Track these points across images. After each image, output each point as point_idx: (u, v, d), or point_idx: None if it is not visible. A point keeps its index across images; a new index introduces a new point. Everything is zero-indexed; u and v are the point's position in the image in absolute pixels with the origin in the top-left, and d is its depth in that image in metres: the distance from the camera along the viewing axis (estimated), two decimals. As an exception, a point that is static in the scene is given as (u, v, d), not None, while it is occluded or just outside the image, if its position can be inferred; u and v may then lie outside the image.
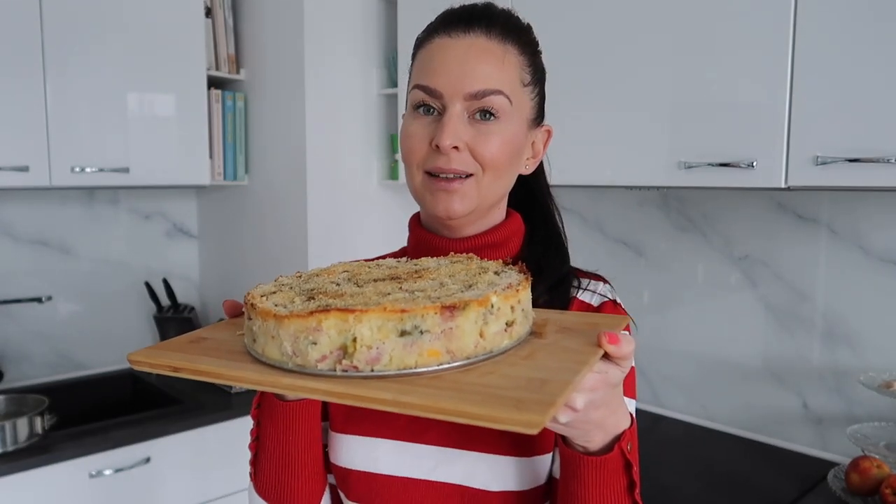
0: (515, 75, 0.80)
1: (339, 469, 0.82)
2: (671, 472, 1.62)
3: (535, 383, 0.51)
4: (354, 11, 2.27)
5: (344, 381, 0.52)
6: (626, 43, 1.60)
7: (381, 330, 0.53)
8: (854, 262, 1.63)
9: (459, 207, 0.79)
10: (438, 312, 0.53)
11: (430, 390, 0.50)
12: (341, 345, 0.53)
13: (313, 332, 0.54)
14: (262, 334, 0.58)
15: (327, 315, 0.53)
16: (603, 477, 0.66)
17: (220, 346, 0.63)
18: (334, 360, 0.54)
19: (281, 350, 0.56)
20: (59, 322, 2.34)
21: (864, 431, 1.53)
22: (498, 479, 0.76)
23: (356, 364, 0.53)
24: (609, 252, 2.07)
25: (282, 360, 0.56)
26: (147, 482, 1.88)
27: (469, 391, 0.50)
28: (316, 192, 2.20)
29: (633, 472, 0.67)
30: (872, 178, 1.27)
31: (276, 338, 0.56)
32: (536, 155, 0.87)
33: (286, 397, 0.75)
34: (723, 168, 1.45)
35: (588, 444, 0.65)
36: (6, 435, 1.70)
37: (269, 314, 0.56)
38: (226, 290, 2.56)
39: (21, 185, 1.91)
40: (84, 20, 1.98)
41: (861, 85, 1.28)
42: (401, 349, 0.53)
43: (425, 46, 0.81)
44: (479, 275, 0.65)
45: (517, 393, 0.49)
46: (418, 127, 0.80)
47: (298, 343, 0.55)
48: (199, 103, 2.24)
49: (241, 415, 2.03)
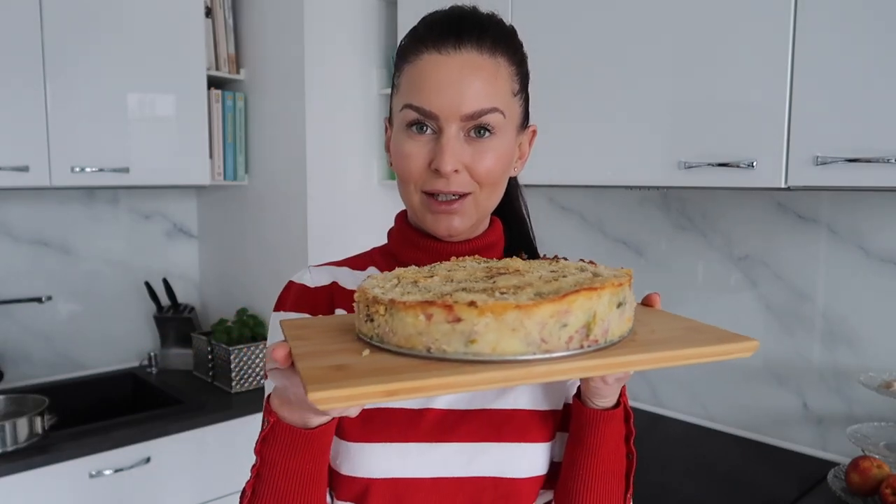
0: (507, 88, 0.80)
1: (359, 480, 0.78)
2: (671, 472, 1.62)
3: (694, 329, 0.63)
4: (354, 11, 2.27)
5: (592, 356, 0.57)
6: (627, 43, 1.60)
7: (610, 304, 0.59)
8: (854, 262, 1.63)
9: (460, 225, 0.81)
10: (629, 285, 0.63)
11: (660, 346, 0.59)
12: (585, 322, 0.57)
13: (564, 314, 0.56)
14: (490, 332, 0.55)
15: (577, 295, 0.56)
16: (614, 428, 0.78)
17: (377, 365, 0.56)
18: (581, 339, 0.57)
19: (527, 340, 0.55)
20: (59, 322, 2.34)
21: (864, 431, 1.53)
22: (527, 466, 0.80)
23: (596, 338, 0.58)
24: (609, 252, 2.07)
25: (525, 351, 0.55)
26: (147, 482, 1.88)
27: (675, 341, 0.60)
28: (316, 192, 2.20)
29: (630, 421, 0.79)
30: (872, 178, 1.27)
31: (518, 329, 0.55)
32: (523, 156, 0.89)
33: (310, 424, 0.69)
34: (723, 168, 1.45)
35: (611, 401, 0.77)
36: (6, 435, 1.70)
37: (509, 306, 0.55)
38: (226, 290, 2.57)
39: (21, 185, 1.91)
40: (84, 20, 1.98)
41: (861, 85, 1.28)
42: (618, 319, 0.60)
43: (413, 62, 0.79)
44: (562, 270, 0.69)
45: (702, 335, 0.61)
46: (414, 147, 0.79)
47: (547, 328, 0.56)
48: (199, 103, 2.24)
49: (241, 415, 2.03)
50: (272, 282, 2.31)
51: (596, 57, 1.66)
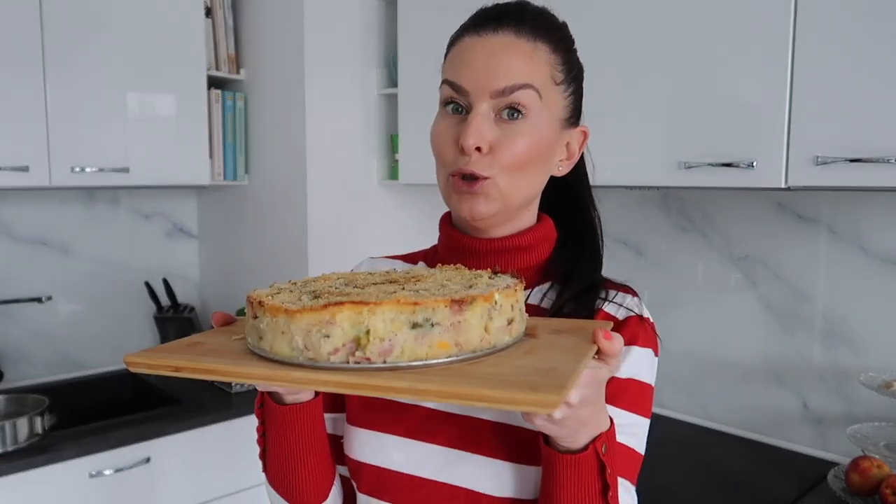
0: (546, 72, 0.77)
1: (352, 461, 0.83)
2: (671, 472, 1.62)
3: (543, 371, 0.53)
4: (354, 11, 2.27)
5: (357, 373, 0.53)
6: (627, 43, 1.60)
7: (395, 322, 0.54)
8: (854, 262, 1.63)
9: (484, 209, 0.77)
10: (448, 306, 0.55)
11: (445, 378, 0.52)
12: (354, 337, 0.54)
13: (326, 325, 0.54)
14: (270, 331, 0.58)
15: (341, 308, 0.54)
16: (577, 476, 0.66)
17: (220, 349, 0.63)
18: (347, 353, 0.55)
19: (292, 345, 0.56)
20: (59, 322, 2.34)
21: (864, 431, 1.53)
22: (504, 486, 0.75)
23: (369, 356, 0.54)
24: (609, 252, 2.05)
25: (292, 356, 0.56)
26: (147, 482, 1.88)
27: (483, 378, 0.52)
28: (316, 192, 2.20)
29: (606, 474, 0.66)
30: (872, 178, 1.27)
31: (286, 333, 0.56)
32: (571, 156, 0.84)
33: (284, 400, 0.76)
34: (723, 168, 1.45)
35: (572, 444, 0.65)
36: (6, 435, 1.70)
37: (280, 309, 0.57)
38: (226, 289, 2.56)
39: (21, 185, 1.91)
40: (84, 20, 1.98)
41: (861, 85, 1.28)
42: (412, 341, 0.55)
43: (456, 45, 0.80)
44: (473, 279, 0.66)
45: (529, 378, 0.51)
46: (446, 126, 0.79)
47: (311, 337, 0.55)
48: (199, 103, 2.23)
49: (241, 415, 2.03)
50: (272, 282, 2.30)
51: (596, 57, 1.65)
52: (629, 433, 0.75)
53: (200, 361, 0.58)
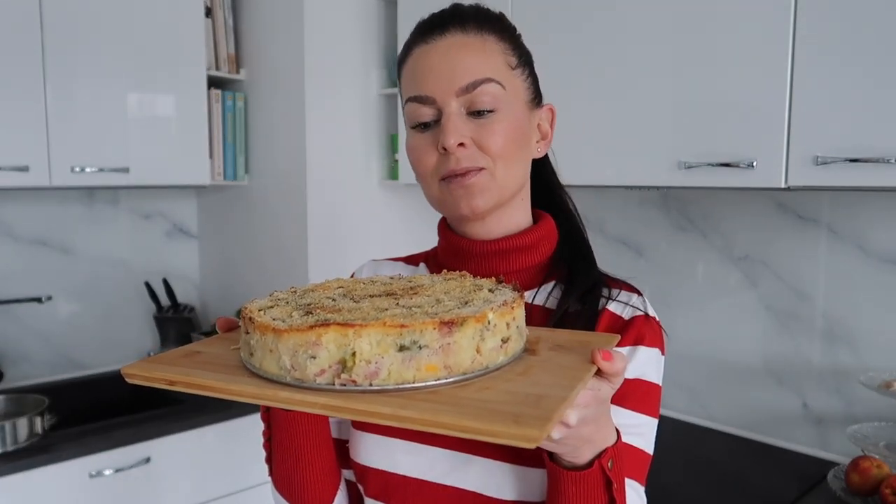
0: (500, 60, 0.79)
1: (358, 466, 0.83)
2: (671, 472, 1.62)
3: (532, 398, 0.52)
4: (354, 12, 2.27)
5: (342, 395, 0.53)
6: (627, 43, 1.60)
7: (381, 345, 0.54)
8: (854, 262, 1.63)
9: (482, 202, 0.78)
10: (437, 328, 0.54)
11: (429, 404, 0.51)
12: (340, 359, 0.54)
13: (312, 346, 0.54)
14: (259, 348, 0.58)
15: (327, 329, 0.54)
16: (583, 492, 0.65)
17: (216, 360, 0.63)
18: (333, 374, 0.54)
19: (279, 364, 0.56)
20: (59, 322, 2.34)
21: (864, 431, 1.53)
22: (511, 488, 0.75)
23: (355, 378, 0.54)
24: (609, 252, 2.06)
25: (280, 374, 0.56)
26: (147, 482, 1.88)
27: (467, 405, 0.51)
28: (316, 193, 2.20)
29: (613, 489, 0.65)
30: (872, 178, 1.27)
31: (274, 352, 0.56)
32: (545, 136, 0.86)
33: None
34: (723, 168, 1.45)
35: (576, 460, 0.65)
36: (6, 435, 1.70)
37: (268, 328, 0.57)
38: (226, 290, 2.56)
39: (21, 185, 1.91)
40: (84, 20, 1.98)
41: (861, 85, 1.28)
42: (399, 364, 0.54)
43: (407, 62, 0.82)
44: (473, 292, 0.65)
45: (515, 408, 0.50)
46: (420, 139, 0.80)
47: (297, 357, 0.55)
48: (199, 103, 2.23)
49: (241, 415, 2.03)
50: (272, 282, 2.31)
51: (596, 57, 1.66)
52: (637, 433, 0.75)
53: (194, 377, 0.59)
